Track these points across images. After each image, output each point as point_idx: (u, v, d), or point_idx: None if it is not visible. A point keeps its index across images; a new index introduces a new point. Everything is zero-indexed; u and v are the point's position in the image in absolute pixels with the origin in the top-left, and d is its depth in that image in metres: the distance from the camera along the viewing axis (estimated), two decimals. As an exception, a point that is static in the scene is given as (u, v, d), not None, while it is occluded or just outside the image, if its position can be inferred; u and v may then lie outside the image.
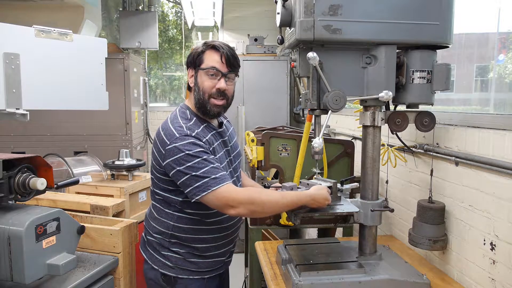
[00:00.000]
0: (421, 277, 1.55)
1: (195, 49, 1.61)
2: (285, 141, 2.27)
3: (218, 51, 1.56)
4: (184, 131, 1.50)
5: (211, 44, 1.58)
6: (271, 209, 1.53)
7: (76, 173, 2.53)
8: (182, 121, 1.56)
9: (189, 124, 1.56)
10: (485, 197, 1.54)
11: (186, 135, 1.49)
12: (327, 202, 1.52)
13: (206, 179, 1.44)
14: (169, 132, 1.51)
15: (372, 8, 1.47)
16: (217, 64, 1.56)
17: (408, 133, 2.01)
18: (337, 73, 1.53)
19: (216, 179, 1.45)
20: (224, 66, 1.56)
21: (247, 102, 4.54)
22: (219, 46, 1.56)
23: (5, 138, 4.11)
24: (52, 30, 1.69)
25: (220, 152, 1.61)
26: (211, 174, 1.45)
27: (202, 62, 1.57)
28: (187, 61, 1.65)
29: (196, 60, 1.58)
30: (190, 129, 1.52)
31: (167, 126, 1.54)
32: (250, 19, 5.25)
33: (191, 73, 1.62)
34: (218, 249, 1.67)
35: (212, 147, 1.57)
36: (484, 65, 2.24)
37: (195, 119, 1.60)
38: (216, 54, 1.56)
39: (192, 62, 1.60)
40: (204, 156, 1.47)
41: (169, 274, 1.62)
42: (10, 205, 1.47)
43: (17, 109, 1.57)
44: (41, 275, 1.40)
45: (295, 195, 1.51)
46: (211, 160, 1.48)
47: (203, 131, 1.57)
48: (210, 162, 1.47)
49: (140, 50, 5.05)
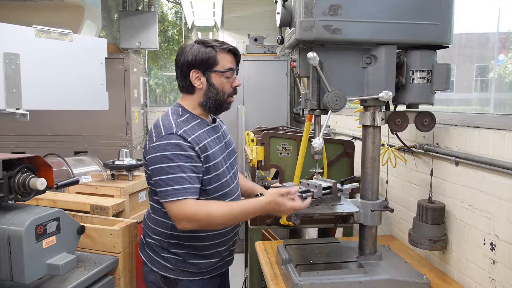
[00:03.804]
0: (421, 277, 1.55)
1: (197, 50, 1.55)
2: (285, 141, 2.27)
3: (230, 52, 1.58)
4: (171, 128, 1.50)
5: (217, 45, 1.56)
6: (218, 224, 1.53)
7: (76, 173, 2.52)
8: (172, 117, 1.56)
9: (179, 120, 1.55)
10: (485, 197, 1.54)
11: (172, 133, 1.49)
12: (283, 208, 1.45)
13: (168, 188, 1.45)
14: (157, 129, 1.53)
15: (372, 8, 1.47)
16: (232, 65, 1.59)
17: (408, 133, 2.01)
18: (337, 73, 1.53)
19: (177, 190, 1.44)
20: (235, 63, 1.62)
21: (247, 102, 4.54)
22: (232, 48, 1.59)
23: (5, 138, 4.11)
24: (52, 30, 1.69)
25: (214, 148, 1.59)
26: (175, 183, 1.45)
27: (217, 64, 1.55)
28: (188, 62, 1.56)
29: (207, 62, 1.55)
30: (178, 126, 1.52)
31: (157, 124, 1.56)
32: (250, 19, 5.25)
33: (197, 75, 1.56)
34: (218, 247, 1.66)
35: (203, 143, 1.53)
36: (484, 65, 2.24)
37: (188, 116, 1.59)
38: (229, 55, 1.58)
39: (199, 64, 1.55)
40: (179, 162, 1.46)
41: (170, 276, 1.61)
42: (10, 205, 1.47)
43: (17, 109, 1.57)
44: (41, 275, 1.40)
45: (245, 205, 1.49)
46: (185, 167, 1.46)
47: (193, 128, 1.55)
48: (181, 170, 1.46)
49: (140, 50, 5.05)
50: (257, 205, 1.48)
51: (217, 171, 1.58)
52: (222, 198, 1.61)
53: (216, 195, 1.59)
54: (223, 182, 1.61)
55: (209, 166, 1.55)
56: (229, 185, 1.65)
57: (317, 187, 1.60)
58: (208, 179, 1.55)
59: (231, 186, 1.67)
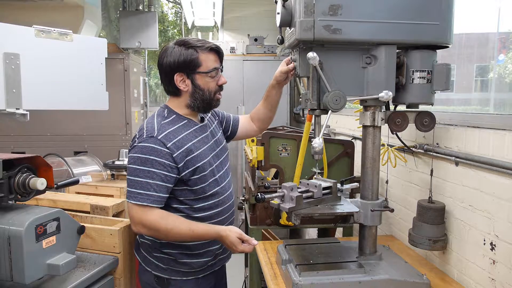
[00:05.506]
0: (421, 277, 1.55)
1: (179, 52, 1.53)
2: (285, 141, 2.27)
3: (211, 51, 1.57)
4: (152, 131, 1.51)
5: (198, 45, 1.54)
6: (175, 239, 1.56)
7: (76, 173, 2.52)
8: (156, 119, 1.57)
9: (164, 122, 1.56)
10: (485, 197, 1.54)
11: (152, 136, 1.50)
12: (233, 248, 1.49)
13: (132, 189, 1.48)
14: (141, 131, 1.55)
15: (372, 8, 1.47)
16: (216, 64, 1.59)
17: (408, 133, 2.01)
18: (337, 73, 1.53)
19: (139, 195, 1.46)
20: (219, 62, 1.61)
21: (247, 102, 4.54)
22: (215, 47, 1.58)
23: (5, 138, 4.11)
24: (52, 30, 1.69)
25: (201, 148, 1.59)
26: (140, 188, 1.47)
27: (200, 65, 1.55)
28: (171, 66, 1.54)
29: (189, 64, 1.54)
30: (160, 129, 1.52)
31: (142, 125, 1.58)
32: (250, 19, 5.26)
33: (181, 78, 1.55)
34: (210, 245, 1.65)
35: (185, 147, 1.53)
36: (484, 65, 2.25)
37: (174, 117, 1.59)
38: (211, 54, 1.57)
39: (183, 67, 1.54)
40: (151, 168, 1.47)
41: (162, 276, 1.62)
42: (10, 205, 1.47)
43: (17, 109, 1.57)
44: (41, 275, 1.40)
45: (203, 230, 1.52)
46: (154, 173, 1.47)
47: (177, 130, 1.55)
48: (150, 176, 1.47)
49: (140, 50, 5.06)
50: (215, 233, 1.52)
51: (204, 172, 1.58)
52: (211, 198, 1.62)
53: (205, 195, 1.60)
54: (210, 182, 1.61)
55: (194, 168, 1.55)
56: (218, 184, 1.65)
57: (317, 187, 1.60)
58: (194, 179, 1.56)
59: (221, 185, 1.67)
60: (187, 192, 1.57)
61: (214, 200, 1.63)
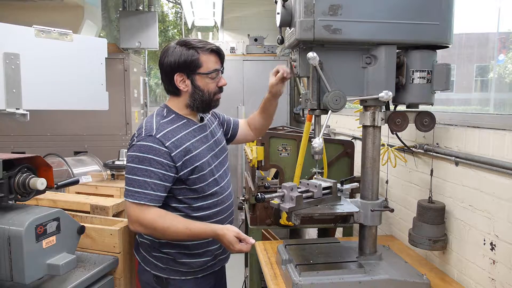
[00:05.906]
0: (421, 277, 1.55)
1: (180, 53, 1.54)
2: (285, 141, 2.27)
3: (213, 52, 1.57)
4: (151, 130, 1.51)
5: (199, 46, 1.55)
6: (173, 238, 1.55)
7: (76, 173, 2.53)
8: (155, 118, 1.57)
9: (163, 121, 1.56)
10: (485, 197, 1.54)
11: (150, 135, 1.50)
12: (231, 247, 1.48)
13: (130, 188, 1.48)
14: (139, 130, 1.55)
15: (372, 8, 1.47)
16: (217, 65, 1.59)
17: (408, 133, 2.01)
18: (337, 73, 1.53)
19: (136, 193, 1.47)
20: (219, 63, 1.61)
21: (247, 102, 4.54)
22: (215, 48, 1.58)
23: (5, 138, 4.11)
24: (52, 30, 1.69)
25: (200, 148, 1.59)
26: (137, 186, 1.47)
27: (200, 66, 1.54)
28: (171, 66, 1.55)
29: (190, 64, 1.54)
30: (159, 128, 1.52)
31: (141, 125, 1.58)
32: (250, 19, 5.26)
33: (181, 78, 1.56)
34: (209, 245, 1.65)
35: (184, 146, 1.53)
36: (484, 65, 2.25)
37: (173, 116, 1.59)
38: (212, 56, 1.57)
39: (183, 67, 1.54)
40: (148, 167, 1.47)
41: (161, 276, 1.62)
42: (10, 205, 1.47)
43: (17, 109, 1.57)
44: (41, 275, 1.40)
45: (200, 229, 1.51)
46: (152, 172, 1.47)
47: (176, 130, 1.55)
48: (147, 175, 1.47)
49: (140, 50, 5.06)
50: (212, 232, 1.51)
51: (203, 171, 1.58)
52: (210, 197, 1.62)
53: (204, 195, 1.60)
54: (210, 182, 1.61)
55: (193, 168, 1.55)
56: (217, 184, 1.65)
57: (317, 187, 1.60)
58: (193, 179, 1.56)
59: (220, 185, 1.67)
60: (186, 191, 1.57)
61: (213, 199, 1.63)
